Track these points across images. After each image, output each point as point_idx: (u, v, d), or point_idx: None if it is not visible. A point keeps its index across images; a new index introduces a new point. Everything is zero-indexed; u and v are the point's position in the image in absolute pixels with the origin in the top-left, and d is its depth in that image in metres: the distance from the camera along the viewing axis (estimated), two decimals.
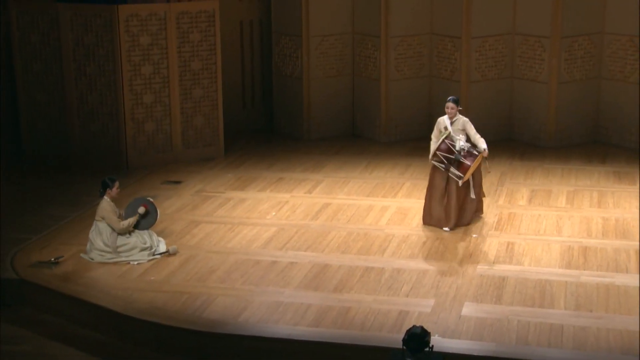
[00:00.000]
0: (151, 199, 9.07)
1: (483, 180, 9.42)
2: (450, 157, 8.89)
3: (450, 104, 9.15)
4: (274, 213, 9.88)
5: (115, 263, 8.51)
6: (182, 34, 11.55)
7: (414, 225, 9.42)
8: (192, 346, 7.23)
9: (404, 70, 12.63)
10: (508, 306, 7.45)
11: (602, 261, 8.31)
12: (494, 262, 8.36)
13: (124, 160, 11.55)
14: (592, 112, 12.30)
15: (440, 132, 9.08)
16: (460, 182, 8.88)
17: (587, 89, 12.22)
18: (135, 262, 8.52)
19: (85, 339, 7.65)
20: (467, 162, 8.82)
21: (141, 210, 8.72)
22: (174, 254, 8.72)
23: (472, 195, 9.07)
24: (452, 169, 8.90)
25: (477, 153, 8.90)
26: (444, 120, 9.14)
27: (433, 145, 9.07)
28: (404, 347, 5.32)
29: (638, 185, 10.51)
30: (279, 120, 13.43)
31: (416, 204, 10.04)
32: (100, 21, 11.29)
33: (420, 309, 7.43)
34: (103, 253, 8.56)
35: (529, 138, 12.40)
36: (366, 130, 12.97)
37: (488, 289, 7.78)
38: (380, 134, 12.72)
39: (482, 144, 8.97)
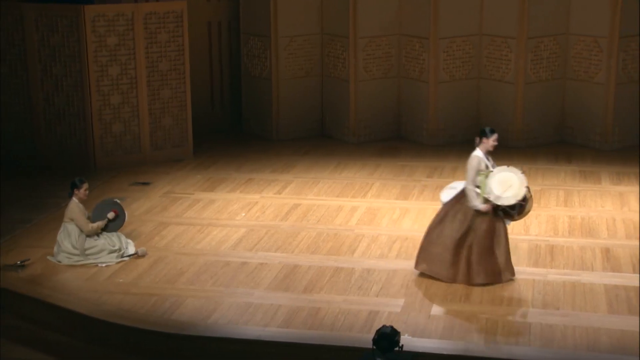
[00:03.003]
0: (119, 201, 9.00)
1: None
2: (516, 205, 7.66)
3: (496, 136, 7.85)
4: (243, 214, 9.86)
5: (83, 265, 8.43)
6: (150, 35, 11.48)
7: (383, 225, 9.45)
8: (162, 348, 7.18)
9: (373, 71, 12.68)
10: (477, 305, 7.51)
11: (569, 259, 8.41)
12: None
13: (92, 162, 11.44)
14: (557, 112, 12.45)
15: (480, 173, 7.69)
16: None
17: (552, 89, 12.37)
18: (104, 265, 8.44)
19: (53, 343, 7.56)
20: (523, 202, 7.72)
21: (111, 215, 8.67)
22: (143, 255, 8.66)
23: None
24: (516, 216, 7.79)
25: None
26: (479, 158, 7.74)
27: (474, 194, 7.64)
28: (374, 347, 5.34)
29: (600, 184, 10.66)
30: (248, 121, 13.40)
31: (386, 204, 10.08)
32: (66, 21, 11.17)
33: (390, 308, 7.46)
34: (71, 256, 8.48)
35: (497, 138, 12.48)
36: (335, 130, 13.00)
37: (457, 288, 7.83)
38: (350, 135, 12.75)
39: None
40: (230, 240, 9.07)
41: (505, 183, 7.64)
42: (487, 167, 7.75)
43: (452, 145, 12.39)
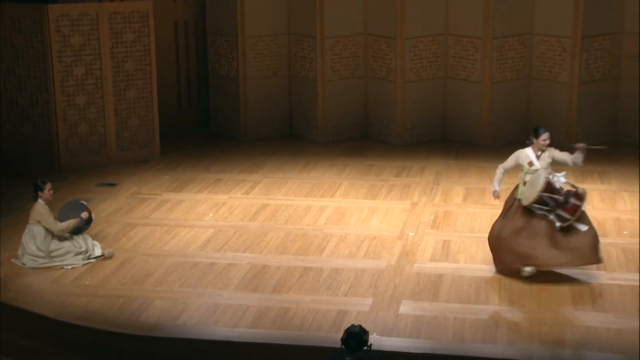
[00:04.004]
0: (85, 202, 8.92)
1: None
2: (559, 199, 7.72)
3: (547, 134, 7.98)
4: (211, 214, 9.82)
5: (49, 268, 8.33)
6: (115, 35, 11.38)
7: (351, 224, 9.48)
8: (129, 350, 7.13)
9: (340, 71, 12.71)
10: (444, 303, 7.56)
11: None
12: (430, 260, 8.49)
13: (57, 163, 11.31)
14: (523, 112, 12.59)
15: (522, 168, 7.85)
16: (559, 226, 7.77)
17: (518, 88, 12.50)
18: (69, 267, 8.36)
19: (18, 347, 7.46)
20: (577, 202, 7.77)
21: (84, 215, 8.58)
22: (110, 257, 8.59)
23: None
24: (559, 211, 7.76)
25: (581, 191, 7.86)
26: (527, 154, 7.92)
27: (498, 174, 8.10)
28: (343, 346, 5.36)
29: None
30: (216, 121, 13.35)
31: (354, 203, 10.11)
32: (30, 21, 11.04)
33: (358, 308, 7.48)
34: (35, 258, 8.38)
35: (463, 137, 12.61)
36: (303, 130, 13.01)
37: (425, 287, 7.88)
38: (318, 134, 12.76)
39: (573, 155, 8.05)
40: (199, 241, 9.03)
41: (531, 183, 7.87)
42: (530, 164, 7.92)
43: (419, 145, 12.46)
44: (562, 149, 12.02)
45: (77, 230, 8.62)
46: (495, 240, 7.98)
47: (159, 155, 11.96)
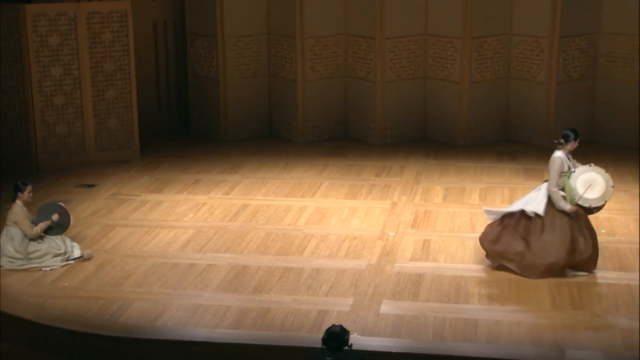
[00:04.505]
0: (63, 204, 8.85)
1: None
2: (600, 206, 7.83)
3: (578, 139, 7.83)
4: (191, 215, 9.79)
5: (27, 270, 8.26)
6: (94, 34, 11.31)
7: (332, 224, 9.49)
8: (109, 352, 7.08)
9: (320, 71, 12.71)
10: (425, 303, 7.59)
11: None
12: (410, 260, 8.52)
13: (35, 164, 11.22)
14: (502, 111, 12.66)
15: (562, 174, 7.74)
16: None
17: (497, 88, 12.57)
18: (48, 268, 8.29)
19: None
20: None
21: (55, 217, 8.52)
22: (89, 258, 8.53)
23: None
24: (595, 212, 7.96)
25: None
26: (561, 159, 7.74)
27: (559, 196, 7.72)
28: (324, 346, 5.36)
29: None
30: (196, 122, 13.31)
31: (334, 203, 10.12)
32: (6, 21, 10.94)
33: (339, 308, 7.49)
34: (13, 260, 8.31)
35: (443, 137, 12.67)
36: (283, 130, 13.00)
37: (405, 287, 7.91)
38: (298, 134, 12.76)
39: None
40: (178, 242, 9.00)
41: (588, 183, 7.73)
42: (569, 168, 7.76)
43: (399, 145, 12.50)
44: (540, 149, 12.19)
45: (56, 231, 8.55)
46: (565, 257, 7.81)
47: (138, 155, 11.90)
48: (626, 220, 9.45)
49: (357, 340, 6.53)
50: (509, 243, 7.97)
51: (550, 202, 7.81)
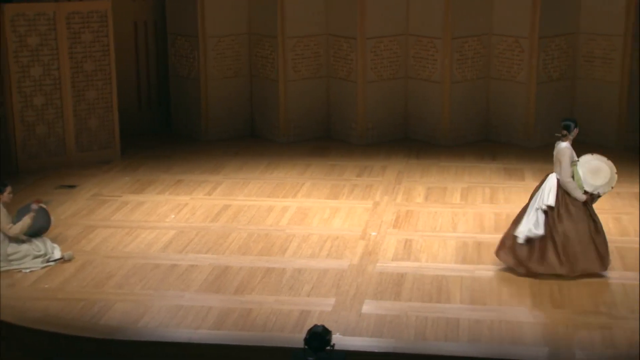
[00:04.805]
0: (44, 205, 8.79)
1: None
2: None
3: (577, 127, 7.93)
4: (173, 216, 9.76)
5: (6, 271, 8.19)
6: (73, 35, 11.24)
7: (314, 224, 9.49)
8: (90, 354, 7.05)
9: (302, 71, 12.71)
10: (407, 302, 7.61)
11: (495, 256, 8.59)
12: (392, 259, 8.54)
13: (14, 165, 11.14)
14: (482, 111, 12.73)
15: (572, 164, 7.85)
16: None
17: (477, 88, 12.63)
18: (28, 270, 8.23)
19: None
20: None
21: (33, 206, 8.44)
22: (70, 260, 8.48)
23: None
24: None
25: None
26: (570, 149, 7.85)
27: (573, 185, 7.78)
28: (306, 347, 5.36)
29: (533, 182, 10.95)
30: (177, 122, 13.27)
31: (316, 203, 10.13)
32: None
33: (321, 308, 7.50)
34: None
35: (424, 137, 12.71)
36: (265, 130, 12.99)
37: (387, 286, 7.93)
38: (279, 135, 12.76)
39: None
40: (160, 243, 8.97)
41: (594, 171, 7.87)
42: (575, 156, 7.88)
43: (380, 145, 12.53)
44: (520, 148, 12.26)
45: (37, 232, 8.49)
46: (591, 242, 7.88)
47: (119, 156, 11.85)
48: (605, 220, 9.48)
49: (339, 340, 6.54)
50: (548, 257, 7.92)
51: (560, 192, 7.86)
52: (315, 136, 12.89)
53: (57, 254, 8.52)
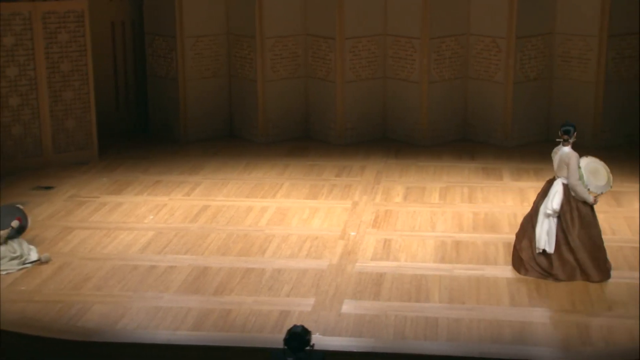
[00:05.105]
0: (21, 206, 8.72)
1: None
2: None
3: None
4: (151, 217, 9.71)
5: None
6: (50, 35, 11.15)
7: (293, 225, 9.49)
8: (68, 357, 7.00)
9: (280, 71, 12.70)
10: (386, 302, 7.63)
11: (473, 254, 8.65)
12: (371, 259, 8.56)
13: None
14: (460, 111, 12.79)
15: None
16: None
17: (455, 88, 12.69)
18: (4, 272, 8.16)
19: None
20: None
21: (14, 224, 8.39)
22: (47, 262, 8.42)
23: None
24: None
25: None
26: (575, 154, 7.92)
27: (583, 188, 7.86)
28: (285, 347, 5.36)
29: (505, 181, 11.02)
30: (155, 123, 13.20)
31: (295, 203, 10.13)
32: None
33: (301, 308, 7.50)
34: None
35: (403, 136, 12.75)
36: (244, 130, 12.96)
37: (366, 286, 7.95)
38: (258, 135, 12.74)
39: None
40: (139, 244, 8.93)
41: (593, 173, 7.98)
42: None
43: (359, 144, 12.55)
44: (499, 148, 12.34)
45: (14, 234, 8.42)
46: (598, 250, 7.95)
47: (97, 157, 11.77)
48: None
49: (319, 340, 6.54)
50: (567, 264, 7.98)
51: (569, 197, 7.91)
52: (294, 136, 12.89)
53: (34, 255, 8.45)
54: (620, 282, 7.96)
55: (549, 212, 7.92)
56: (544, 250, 7.97)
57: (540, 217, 8.00)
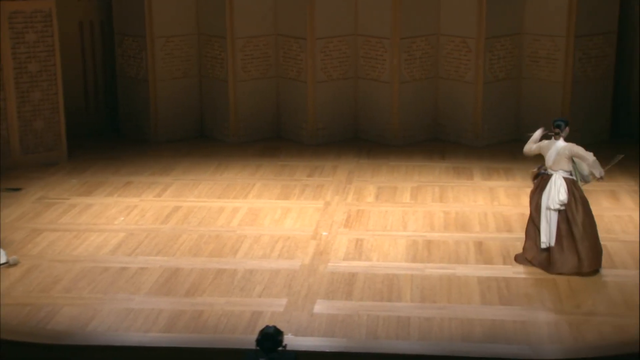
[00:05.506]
0: None
1: None
2: None
3: None
4: (122, 218, 9.64)
5: None
6: (17, 35, 11.02)
7: (265, 225, 9.48)
8: None
9: (251, 71, 12.68)
10: (358, 301, 7.65)
11: (444, 254, 8.71)
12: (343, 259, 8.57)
13: None
14: (431, 111, 12.86)
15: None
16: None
17: (426, 88, 12.76)
18: None
19: None
20: None
21: None
22: (15, 264, 8.32)
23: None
24: None
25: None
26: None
27: (597, 162, 8.16)
28: (258, 348, 5.36)
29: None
30: (125, 123, 13.11)
31: (267, 204, 10.12)
32: None
33: (273, 308, 7.49)
34: None
35: (374, 136, 12.79)
36: (215, 131, 12.92)
37: (339, 286, 7.96)
38: (230, 135, 12.70)
39: None
40: (109, 245, 8.86)
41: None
42: None
43: (331, 144, 12.57)
44: (469, 147, 12.43)
45: None
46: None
47: (66, 158, 11.66)
48: None
49: (291, 341, 6.54)
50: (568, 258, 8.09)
51: (569, 188, 8.04)
52: (266, 136, 12.87)
53: (2, 258, 8.35)
54: (587, 280, 8.06)
55: (557, 205, 8.05)
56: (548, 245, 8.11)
57: (545, 212, 8.12)
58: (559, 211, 8.05)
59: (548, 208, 8.07)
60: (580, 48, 12.18)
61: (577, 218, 8.04)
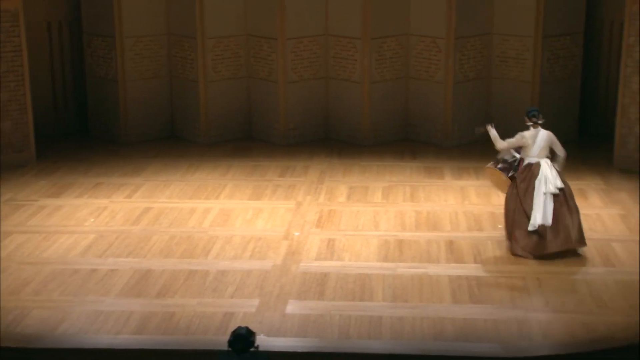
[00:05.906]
0: None
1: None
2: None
3: None
4: (92, 219, 9.56)
5: None
6: None
7: (237, 226, 9.46)
8: None
9: (222, 71, 12.64)
10: (330, 301, 7.67)
11: (416, 253, 8.75)
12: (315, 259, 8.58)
13: None
14: (402, 111, 12.91)
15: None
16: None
17: (396, 88, 12.81)
18: None
19: None
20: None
21: None
22: None
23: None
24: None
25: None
26: None
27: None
28: (230, 349, 5.35)
29: (441, 180, 11.18)
30: (95, 124, 12.99)
31: (239, 204, 10.09)
32: None
33: (245, 309, 7.48)
34: None
35: (346, 136, 12.81)
36: (186, 131, 12.86)
37: (311, 286, 7.97)
38: (201, 135, 12.65)
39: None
40: (79, 247, 8.78)
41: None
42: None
43: (302, 145, 12.57)
44: (440, 147, 12.50)
45: None
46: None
47: (34, 159, 11.53)
48: None
49: (263, 341, 6.54)
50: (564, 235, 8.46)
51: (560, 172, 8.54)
52: (237, 137, 12.83)
53: None
54: (557, 278, 8.16)
55: (554, 190, 8.35)
56: (539, 227, 8.33)
57: (539, 198, 8.34)
58: (554, 195, 8.37)
59: (546, 192, 8.35)
60: (548, 48, 12.31)
61: (569, 201, 8.43)
